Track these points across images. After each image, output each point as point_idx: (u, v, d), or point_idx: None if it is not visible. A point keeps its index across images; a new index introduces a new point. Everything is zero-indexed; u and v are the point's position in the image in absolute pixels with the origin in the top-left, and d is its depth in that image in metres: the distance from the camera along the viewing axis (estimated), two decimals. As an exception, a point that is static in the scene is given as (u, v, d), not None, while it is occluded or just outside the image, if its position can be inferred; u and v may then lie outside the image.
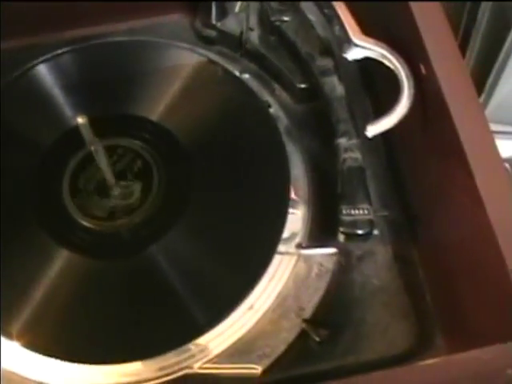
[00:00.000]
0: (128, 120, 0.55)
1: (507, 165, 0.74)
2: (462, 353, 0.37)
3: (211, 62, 0.58)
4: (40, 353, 0.47)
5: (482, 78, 0.60)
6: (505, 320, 0.40)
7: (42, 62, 0.58)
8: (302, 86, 0.56)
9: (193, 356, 0.47)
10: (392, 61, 0.47)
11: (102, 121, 0.49)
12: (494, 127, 0.67)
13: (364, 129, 0.47)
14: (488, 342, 0.38)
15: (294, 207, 0.52)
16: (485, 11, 0.56)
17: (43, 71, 0.57)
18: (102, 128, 0.48)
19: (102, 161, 0.49)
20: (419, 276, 0.52)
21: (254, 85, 0.57)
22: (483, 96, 0.61)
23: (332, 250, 0.51)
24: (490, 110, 0.64)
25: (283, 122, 0.56)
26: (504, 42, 0.56)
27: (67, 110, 0.55)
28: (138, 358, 0.47)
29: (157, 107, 0.55)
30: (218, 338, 0.47)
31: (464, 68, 0.44)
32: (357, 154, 0.50)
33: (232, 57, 0.60)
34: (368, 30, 0.49)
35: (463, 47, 0.59)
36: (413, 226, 0.53)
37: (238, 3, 0.57)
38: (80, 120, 0.45)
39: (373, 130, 0.47)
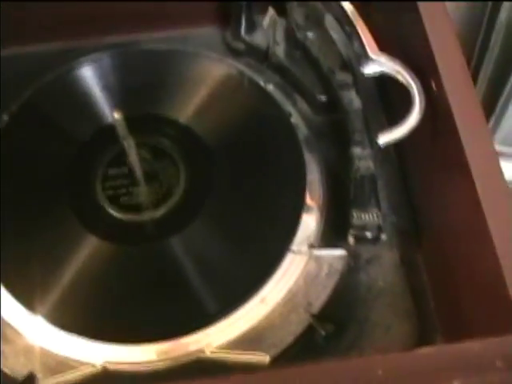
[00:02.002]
0: (159, 120, 0.59)
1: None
2: (454, 343, 0.39)
3: (238, 71, 0.62)
4: (64, 329, 0.51)
5: (493, 100, 0.63)
6: (497, 317, 0.43)
7: (85, 62, 0.62)
8: (322, 98, 0.60)
9: (206, 341, 0.50)
10: (405, 76, 0.50)
11: (136, 119, 0.53)
12: (505, 149, 0.70)
13: (376, 138, 0.51)
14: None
15: (308, 210, 0.55)
16: (498, 35, 0.60)
17: (86, 71, 0.62)
18: (135, 126, 0.53)
19: (133, 156, 0.53)
20: (423, 280, 0.55)
21: (278, 95, 0.61)
22: (493, 118, 0.64)
23: (342, 252, 0.54)
24: (501, 133, 0.67)
25: (303, 131, 0.59)
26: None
27: (105, 108, 0.60)
28: (154, 340, 0.50)
29: (186, 111, 0.59)
30: (231, 327, 0.51)
31: (471, 86, 0.47)
32: (369, 163, 0.53)
33: (258, 68, 0.64)
34: (384, 46, 0.53)
35: (477, 69, 0.62)
36: (420, 232, 0.56)
37: (267, 19, 0.61)
38: (116, 115, 0.49)
39: (384, 138, 0.50)
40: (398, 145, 0.57)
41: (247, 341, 0.51)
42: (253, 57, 0.64)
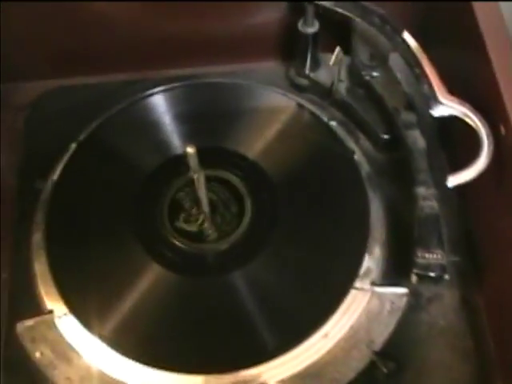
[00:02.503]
0: (227, 154, 0.60)
1: None
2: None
3: (303, 107, 0.63)
4: (124, 355, 0.52)
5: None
6: None
7: (154, 93, 0.64)
8: (385, 136, 0.61)
9: (270, 374, 0.51)
10: (474, 120, 0.51)
11: (203, 152, 0.54)
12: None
13: (444, 180, 0.51)
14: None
15: (371, 248, 0.56)
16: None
17: (155, 102, 0.64)
18: (203, 158, 0.53)
19: (202, 189, 0.54)
20: (483, 320, 0.56)
21: (341, 132, 0.62)
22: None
23: (404, 290, 0.54)
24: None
25: (365, 168, 0.60)
26: None
27: (173, 140, 0.61)
28: (215, 371, 0.51)
29: (253, 145, 0.61)
30: (295, 360, 0.51)
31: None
32: (433, 203, 0.53)
33: (321, 105, 0.65)
34: (451, 87, 0.54)
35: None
36: (480, 273, 0.57)
37: (333, 56, 0.62)
38: (189, 150, 0.50)
39: (453, 180, 0.51)
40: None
41: (310, 375, 0.52)
42: (316, 93, 0.66)
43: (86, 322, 0.53)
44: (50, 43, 0.67)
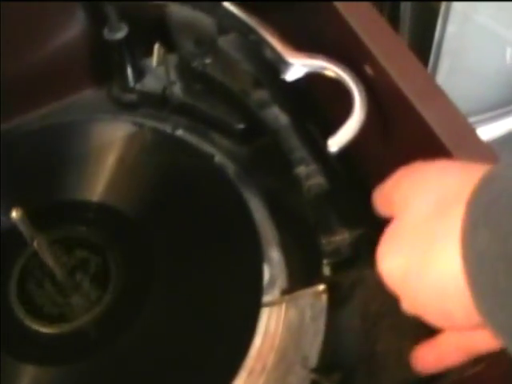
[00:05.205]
0: (68, 206, 0.50)
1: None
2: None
3: (140, 126, 0.54)
4: None
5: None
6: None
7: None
8: (242, 126, 0.53)
9: None
10: (334, 69, 0.43)
11: (40, 212, 0.44)
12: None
13: (324, 148, 0.43)
14: None
15: (267, 253, 0.47)
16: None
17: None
18: (42, 220, 0.44)
19: (48, 256, 0.44)
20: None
21: (191, 139, 0.54)
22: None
23: (320, 287, 0.46)
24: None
25: (231, 168, 0.52)
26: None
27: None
28: None
29: (96, 188, 0.51)
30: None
31: (412, 56, 0.41)
32: (319, 179, 0.47)
33: (160, 116, 0.56)
34: (300, 46, 0.46)
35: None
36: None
37: (155, 57, 0.53)
38: (15, 214, 0.40)
39: (335, 143, 0.42)
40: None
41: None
42: (150, 105, 0.57)
43: None
44: None
